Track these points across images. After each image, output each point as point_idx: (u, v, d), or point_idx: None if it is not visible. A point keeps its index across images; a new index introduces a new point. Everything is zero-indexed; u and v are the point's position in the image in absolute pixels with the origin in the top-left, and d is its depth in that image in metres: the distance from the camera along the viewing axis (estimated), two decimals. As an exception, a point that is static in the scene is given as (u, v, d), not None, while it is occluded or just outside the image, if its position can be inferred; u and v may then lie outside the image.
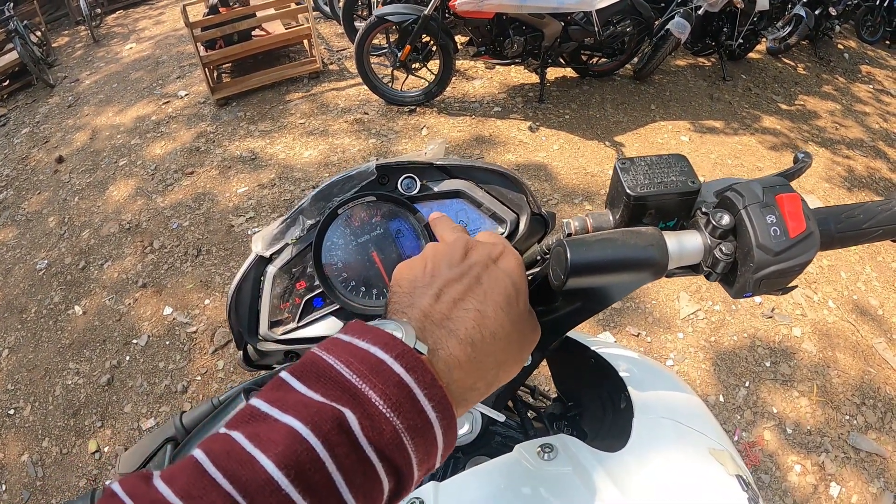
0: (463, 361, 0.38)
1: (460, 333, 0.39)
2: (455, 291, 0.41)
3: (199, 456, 0.30)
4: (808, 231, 0.47)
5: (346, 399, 0.33)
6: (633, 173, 0.52)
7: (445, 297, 0.41)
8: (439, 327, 0.39)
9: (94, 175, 4.00)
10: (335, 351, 0.35)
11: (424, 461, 0.35)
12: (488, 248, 0.46)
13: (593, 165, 3.74)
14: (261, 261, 0.68)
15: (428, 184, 0.70)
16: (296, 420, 0.31)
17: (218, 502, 0.28)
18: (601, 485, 0.57)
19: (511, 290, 0.43)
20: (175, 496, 0.28)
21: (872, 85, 5.75)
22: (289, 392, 0.33)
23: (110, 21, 7.56)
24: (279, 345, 0.69)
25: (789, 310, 2.79)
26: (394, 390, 0.33)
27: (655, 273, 0.48)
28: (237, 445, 0.30)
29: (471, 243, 0.47)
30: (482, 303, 0.41)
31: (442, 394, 0.35)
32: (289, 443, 0.30)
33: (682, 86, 4.97)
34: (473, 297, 0.41)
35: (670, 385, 0.74)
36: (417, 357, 0.35)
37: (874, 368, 2.56)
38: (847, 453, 2.22)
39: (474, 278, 0.42)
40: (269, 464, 0.29)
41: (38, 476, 2.28)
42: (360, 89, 4.57)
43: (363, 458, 0.32)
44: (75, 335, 2.81)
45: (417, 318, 0.40)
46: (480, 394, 0.41)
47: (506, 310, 0.42)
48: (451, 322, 0.39)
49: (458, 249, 0.46)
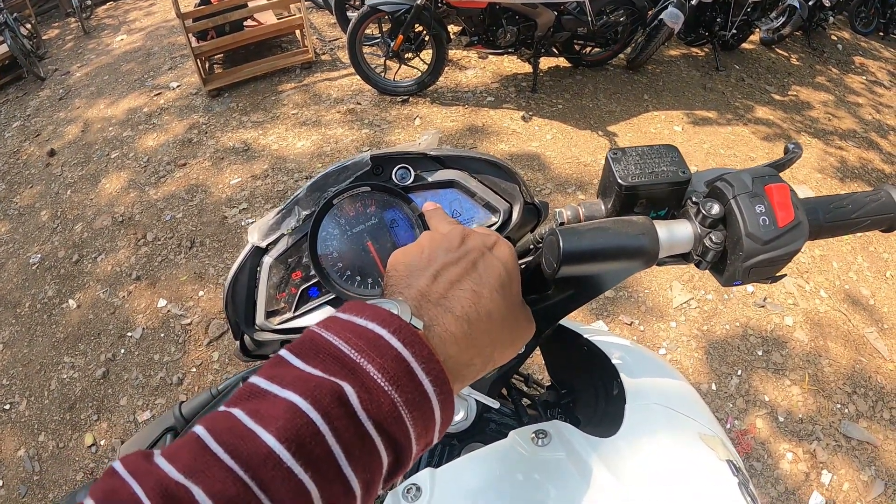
0: (459, 337, 0.39)
1: (456, 311, 0.40)
2: (452, 273, 0.42)
3: (200, 432, 0.30)
4: (797, 220, 0.47)
5: (345, 374, 0.33)
6: (625, 163, 0.52)
7: (442, 278, 0.42)
8: (436, 305, 0.40)
9: (86, 168, 3.98)
10: (333, 328, 0.36)
11: (422, 435, 0.36)
12: (483, 237, 0.47)
13: (586, 155, 3.74)
14: (257, 251, 0.69)
15: (422, 174, 0.71)
16: (295, 395, 0.31)
17: (220, 476, 0.28)
18: (594, 469, 0.58)
19: (505, 276, 0.44)
20: (177, 472, 0.28)
21: (866, 76, 5.77)
22: (288, 368, 0.34)
23: (100, 12, 7.48)
24: (276, 334, 0.69)
25: (781, 299, 2.81)
26: (391, 364, 0.34)
27: (646, 261, 0.48)
28: (238, 421, 0.30)
29: (467, 231, 0.48)
30: (478, 284, 0.42)
31: (439, 368, 0.36)
32: (289, 417, 0.30)
33: (675, 76, 4.97)
34: (469, 278, 0.42)
35: (662, 372, 0.75)
36: (414, 332, 0.36)
37: (865, 357, 2.58)
38: (839, 441, 2.25)
39: (470, 262, 0.43)
40: (271, 438, 0.29)
41: (34, 471, 2.28)
42: (353, 79, 4.55)
43: (362, 431, 0.32)
44: (70, 329, 2.81)
45: (414, 297, 0.40)
46: (477, 370, 0.42)
47: (500, 292, 0.43)
48: (448, 301, 0.40)
49: (454, 236, 0.47)
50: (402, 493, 0.58)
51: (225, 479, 0.28)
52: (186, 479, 0.28)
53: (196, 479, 0.28)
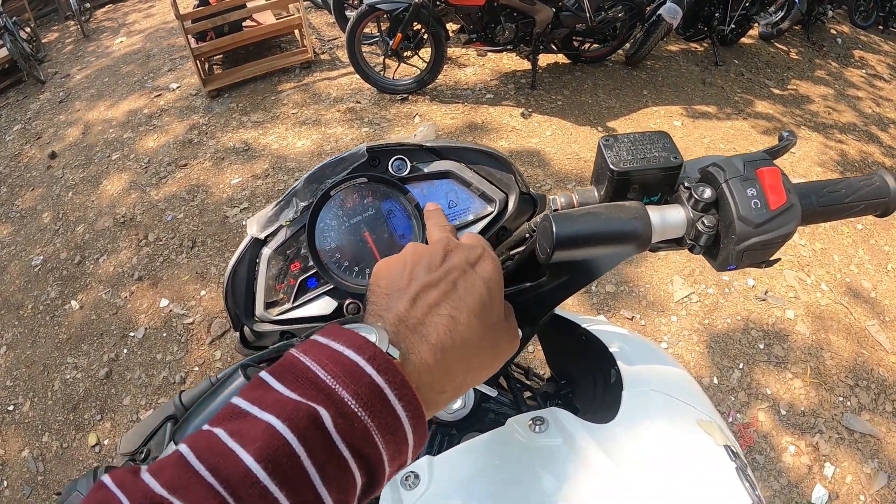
0: (433, 366, 0.40)
1: (432, 339, 0.40)
2: (430, 297, 0.42)
3: (183, 450, 0.32)
4: (789, 204, 0.48)
5: (322, 398, 0.34)
6: (617, 150, 0.53)
7: (421, 302, 0.42)
8: (413, 332, 0.41)
9: (87, 170, 3.99)
10: (312, 353, 0.37)
11: (395, 457, 0.37)
12: (467, 252, 0.47)
13: (586, 151, 3.74)
14: (256, 243, 0.69)
15: (418, 165, 0.71)
16: (273, 417, 0.33)
17: (201, 493, 0.29)
18: (592, 455, 0.58)
19: (486, 296, 0.44)
20: (161, 488, 0.30)
21: (865, 70, 5.76)
22: (268, 391, 0.35)
23: (100, 15, 7.50)
24: (275, 325, 0.70)
25: (782, 292, 2.81)
26: (366, 391, 0.35)
27: (639, 245, 0.49)
28: (219, 441, 0.32)
29: (451, 246, 0.48)
30: (456, 308, 0.42)
31: (412, 394, 0.37)
32: (266, 438, 0.32)
33: (674, 71, 4.97)
34: (448, 302, 0.42)
35: (659, 360, 0.75)
36: (389, 360, 0.37)
37: (867, 350, 2.58)
38: (841, 434, 2.24)
39: (450, 283, 0.44)
40: (249, 458, 0.31)
41: (39, 471, 2.29)
42: (352, 78, 4.56)
43: (336, 453, 0.34)
44: (72, 330, 2.82)
45: (392, 322, 0.41)
46: (448, 397, 0.43)
47: (479, 315, 0.43)
48: (425, 327, 0.41)
49: (437, 253, 0.47)
50: (401, 481, 0.58)
51: (206, 496, 0.29)
52: (170, 494, 0.29)
53: (178, 495, 0.29)
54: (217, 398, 0.53)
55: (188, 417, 0.55)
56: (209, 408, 0.53)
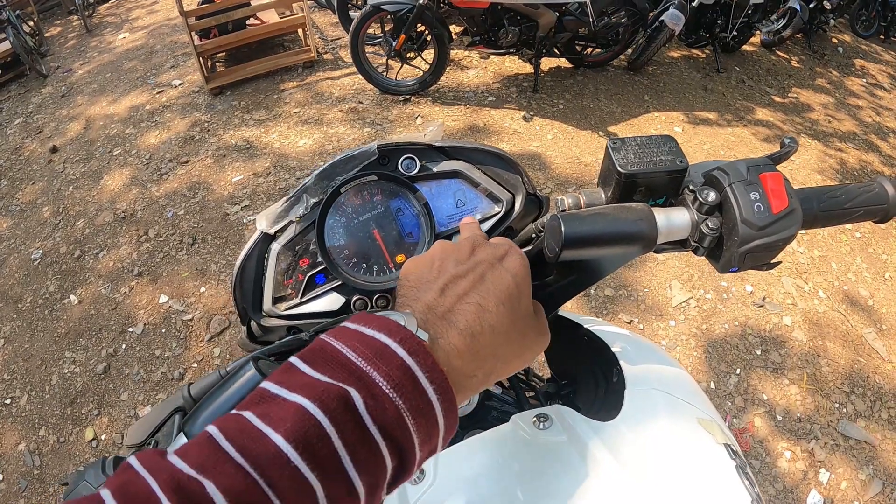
0: (462, 351, 0.40)
1: (461, 325, 0.41)
2: (459, 287, 0.43)
3: (212, 431, 0.32)
4: (791, 208, 0.49)
5: (352, 380, 0.34)
6: (624, 152, 0.54)
7: (449, 291, 0.43)
8: (441, 319, 0.41)
9: (88, 165, 3.99)
10: (342, 337, 0.37)
11: (426, 442, 0.37)
12: (494, 247, 0.48)
13: (587, 155, 3.75)
14: (265, 238, 0.70)
15: (427, 164, 0.72)
16: (304, 398, 0.33)
17: (231, 472, 0.29)
18: (595, 452, 0.59)
19: (513, 289, 0.45)
20: (190, 468, 0.30)
21: (866, 79, 5.78)
22: (297, 374, 0.35)
23: (103, 10, 7.50)
24: (282, 320, 0.70)
25: (780, 299, 2.82)
26: (397, 373, 0.35)
27: (645, 246, 0.50)
28: (248, 423, 0.32)
29: (478, 241, 0.49)
30: (484, 297, 0.42)
31: (443, 377, 0.37)
32: (297, 419, 0.32)
33: (676, 77, 4.99)
34: (476, 292, 0.43)
35: (660, 360, 0.76)
36: (420, 342, 0.37)
37: (864, 358, 2.59)
38: (836, 440, 2.26)
39: (479, 275, 0.44)
40: (279, 438, 0.31)
41: (35, 465, 2.29)
42: (355, 78, 4.57)
43: (367, 436, 0.33)
44: (71, 324, 2.82)
45: (421, 309, 0.42)
46: (479, 382, 0.43)
47: (507, 305, 0.43)
48: (453, 314, 0.41)
49: (465, 247, 0.47)
50: None
51: (235, 475, 0.29)
52: (199, 474, 0.29)
53: (208, 475, 0.29)
54: (227, 390, 0.53)
55: (198, 409, 0.55)
56: (219, 400, 0.54)
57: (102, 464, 0.56)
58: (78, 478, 0.56)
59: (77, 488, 0.55)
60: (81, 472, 0.57)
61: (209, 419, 0.51)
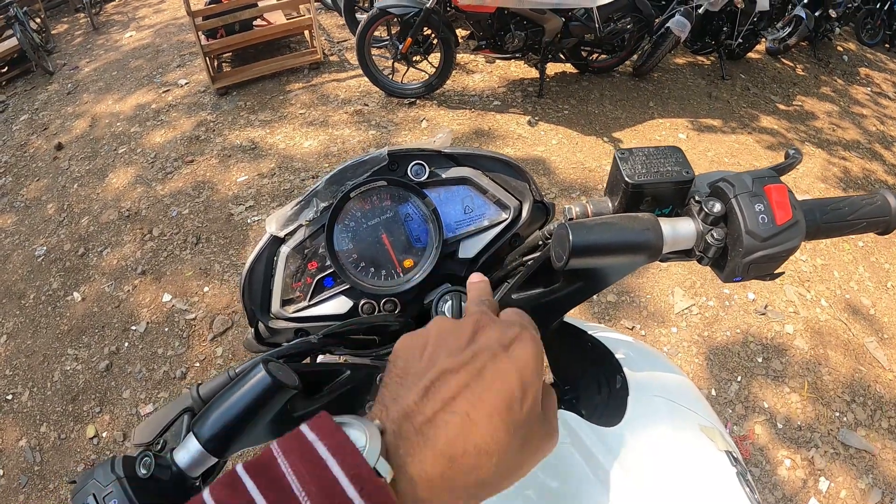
0: (434, 479, 0.33)
1: (439, 444, 0.34)
2: (447, 388, 0.36)
3: None
4: (795, 219, 0.50)
5: None
6: (632, 163, 0.55)
7: (434, 394, 0.36)
8: (417, 434, 0.34)
9: (93, 162, 4.00)
10: (292, 456, 0.32)
11: None
12: (501, 330, 0.41)
13: (591, 160, 3.76)
14: (274, 241, 0.71)
15: (436, 170, 0.73)
16: None
17: None
18: (598, 457, 0.59)
19: (516, 391, 0.37)
20: None
21: (871, 88, 5.79)
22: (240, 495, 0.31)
23: (110, 9, 7.53)
24: (290, 322, 0.71)
25: (782, 307, 2.82)
26: None
27: (651, 256, 0.51)
28: None
29: (483, 322, 0.42)
30: (474, 406, 0.35)
31: None
32: None
33: (680, 84, 5.00)
34: (466, 397, 0.36)
35: (663, 367, 0.77)
36: (376, 482, 0.31)
37: (865, 367, 2.59)
38: (836, 449, 2.26)
39: (475, 371, 0.37)
40: None
41: (35, 461, 2.29)
42: (361, 81, 4.58)
43: None
44: (74, 321, 2.83)
45: (395, 418, 0.35)
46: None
47: (503, 415, 0.36)
48: (432, 427, 0.34)
49: (465, 331, 0.41)
50: None
51: None
52: None
53: None
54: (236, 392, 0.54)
55: (207, 411, 0.55)
56: (228, 402, 0.54)
57: (112, 463, 0.57)
58: (86, 477, 0.56)
59: (85, 487, 0.56)
60: (90, 471, 0.57)
61: (218, 421, 0.51)
